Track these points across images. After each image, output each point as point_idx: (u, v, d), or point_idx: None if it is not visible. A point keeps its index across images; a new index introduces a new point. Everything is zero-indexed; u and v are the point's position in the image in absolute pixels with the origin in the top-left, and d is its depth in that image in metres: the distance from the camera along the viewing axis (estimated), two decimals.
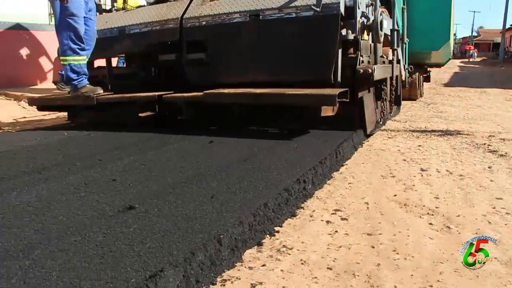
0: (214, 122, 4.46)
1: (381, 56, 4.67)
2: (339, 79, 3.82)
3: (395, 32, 4.82)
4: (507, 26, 36.53)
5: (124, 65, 6.66)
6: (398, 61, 5.01)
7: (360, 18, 3.87)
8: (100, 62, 5.53)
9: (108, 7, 5.71)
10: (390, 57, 4.91)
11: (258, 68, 4.09)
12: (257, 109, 4.22)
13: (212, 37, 4.24)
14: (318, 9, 3.65)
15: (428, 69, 8.51)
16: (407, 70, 6.12)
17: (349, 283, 1.52)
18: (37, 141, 3.85)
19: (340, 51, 3.83)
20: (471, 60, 43.46)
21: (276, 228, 1.98)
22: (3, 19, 7.87)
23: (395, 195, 2.48)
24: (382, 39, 4.25)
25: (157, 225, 1.82)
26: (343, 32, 3.80)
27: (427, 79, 8.78)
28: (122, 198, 2.19)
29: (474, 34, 69.09)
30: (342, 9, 3.67)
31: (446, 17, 7.02)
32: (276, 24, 3.90)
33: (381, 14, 4.11)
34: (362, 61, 4.10)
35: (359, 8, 3.82)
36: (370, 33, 4.21)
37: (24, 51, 8.31)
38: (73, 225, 1.84)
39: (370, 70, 3.82)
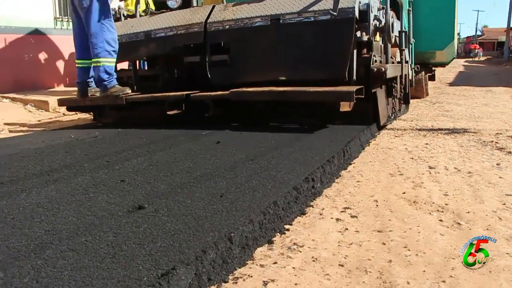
0: (238, 119, 4.73)
1: (391, 57, 4.89)
2: (354, 77, 4.09)
3: (403, 34, 5.01)
4: None
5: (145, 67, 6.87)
6: (406, 61, 5.24)
7: (373, 21, 4.13)
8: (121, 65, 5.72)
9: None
10: (398, 58, 5.13)
11: (278, 68, 4.34)
12: (278, 106, 4.53)
13: (235, 39, 4.51)
14: (335, 13, 3.93)
15: (433, 68, 8.60)
16: (413, 70, 6.24)
17: (361, 280, 1.51)
18: (44, 143, 3.87)
19: (355, 51, 4.09)
20: (476, 59, 43.30)
21: (286, 226, 1.98)
22: (9, 23, 7.91)
23: (404, 193, 2.47)
24: (393, 40, 4.64)
25: (167, 225, 1.82)
26: (358, 34, 4.08)
27: (432, 78, 8.92)
28: (131, 199, 2.19)
29: (478, 33, 68.87)
30: (356, 13, 3.93)
31: (450, 18, 7.17)
32: (296, 27, 4.17)
33: (392, 17, 4.37)
34: (375, 61, 4.40)
35: (372, 12, 4.07)
36: (382, 35, 4.49)
37: (31, 55, 8.34)
38: (83, 226, 1.84)
39: (383, 69, 4.15)
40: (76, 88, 5.31)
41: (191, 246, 1.61)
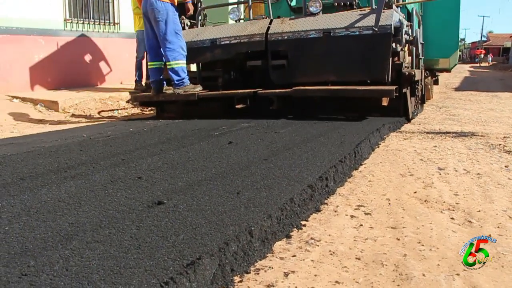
0: (296, 111, 5.55)
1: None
2: (389, 79, 4.94)
3: (421, 45, 5.98)
4: None
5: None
6: (423, 67, 6.26)
7: (404, 35, 5.05)
8: None
9: None
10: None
11: (328, 71, 5.25)
12: (327, 102, 5.44)
13: (292, 48, 5.32)
14: (376, 29, 4.79)
15: (437, 73, 9.44)
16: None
17: (378, 272, 1.56)
18: (57, 142, 3.93)
19: (390, 59, 4.92)
20: (482, 64, 43.23)
21: (303, 222, 2.03)
22: (18, 25, 8.01)
23: (415, 192, 2.52)
24: (420, 50, 5.80)
25: (188, 219, 1.87)
26: (393, 45, 4.94)
27: (436, 82, 9.87)
28: (150, 194, 2.25)
29: (483, 38, 68.70)
30: (392, 29, 4.77)
31: (455, 30, 7.92)
32: (344, 39, 5.03)
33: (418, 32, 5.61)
34: (405, 66, 5.33)
35: (403, 28, 4.99)
36: (410, 46, 5.67)
37: (41, 56, 8.44)
38: (106, 219, 1.90)
39: (413, 72, 5.13)
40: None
41: (213, 239, 1.66)
